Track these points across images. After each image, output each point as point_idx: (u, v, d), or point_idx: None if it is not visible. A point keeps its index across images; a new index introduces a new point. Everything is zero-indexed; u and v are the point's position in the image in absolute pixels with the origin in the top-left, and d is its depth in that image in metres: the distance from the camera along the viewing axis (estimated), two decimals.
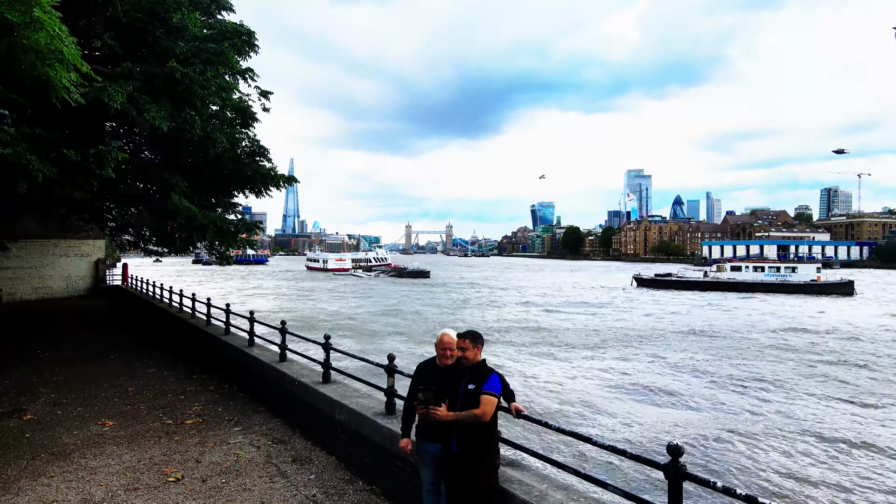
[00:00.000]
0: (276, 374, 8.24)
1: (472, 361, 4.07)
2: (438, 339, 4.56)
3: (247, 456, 6.60)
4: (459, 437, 3.97)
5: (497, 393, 3.97)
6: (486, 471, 3.91)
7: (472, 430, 3.93)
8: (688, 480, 3.17)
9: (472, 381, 4.02)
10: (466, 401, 3.97)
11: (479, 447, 3.93)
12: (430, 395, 3.96)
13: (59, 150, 9.56)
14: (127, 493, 5.63)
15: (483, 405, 3.89)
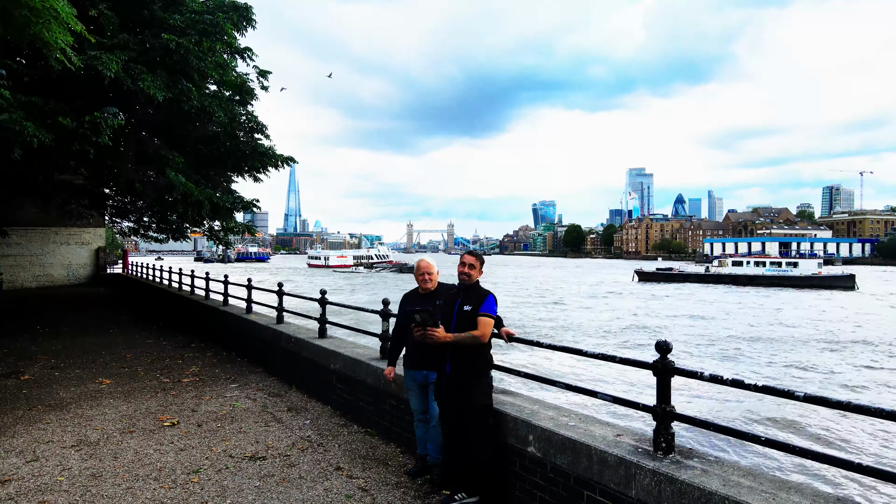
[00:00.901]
0: (273, 334, 8.26)
1: (471, 281, 4.06)
2: (416, 266, 4.62)
3: (242, 406, 6.62)
4: (454, 359, 3.98)
5: (494, 314, 3.98)
6: (480, 390, 3.93)
7: (467, 351, 3.93)
8: (676, 375, 3.17)
9: (468, 302, 4.00)
10: (461, 322, 3.97)
11: (473, 368, 3.95)
12: (427, 317, 3.92)
13: (54, 118, 9.58)
14: (122, 434, 5.64)
15: (481, 327, 3.89)
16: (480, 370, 3.98)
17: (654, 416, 3.25)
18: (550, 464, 3.65)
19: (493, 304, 3.97)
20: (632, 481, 3.13)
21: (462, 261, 4.09)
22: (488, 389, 4.01)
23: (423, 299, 4.51)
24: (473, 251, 4.13)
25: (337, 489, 4.39)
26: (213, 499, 4.20)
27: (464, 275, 4.06)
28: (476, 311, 3.93)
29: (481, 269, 4.12)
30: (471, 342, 3.89)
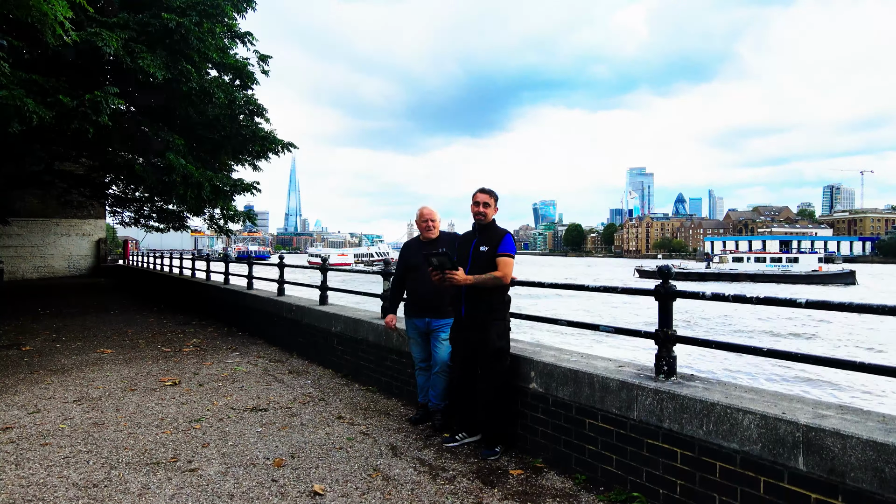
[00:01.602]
0: (274, 305, 8.26)
1: (486, 220, 3.94)
2: (418, 214, 4.56)
3: (244, 370, 6.62)
4: (470, 301, 3.88)
5: (513, 253, 3.85)
6: (497, 332, 3.82)
7: (484, 293, 3.82)
8: (678, 298, 3.18)
9: (484, 242, 3.89)
10: (478, 263, 3.85)
11: (490, 309, 3.84)
12: (445, 259, 3.75)
13: (55, 95, 9.59)
14: (124, 392, 5.65)
15: (502, 267, 3.78)
16: (497, 311, 3.85)
17: (655, 341, 3.25)
18: (552, 397, 3.65)
19: (512, 243, 3.86)
20: (633, 403, 3.14)
21: (475, 200, 3.95)
22: (505, 332, 3.88)
23: (425, 248, 4.51)
24: (486, 188, 4.00)
25: (338, 433, 4.39)
26: (214, 441, 4.21)
27: (479, 215, 3.92)
28: (494, 251, 3.81)
29: (496, 206, 3.98)
30: (492, 284, 3.77)
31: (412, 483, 3.46)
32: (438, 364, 4.38)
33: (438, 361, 4.38)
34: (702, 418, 2.79)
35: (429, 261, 3.79)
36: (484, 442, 3.95)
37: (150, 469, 3.69)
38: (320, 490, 3.35)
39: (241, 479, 3.52)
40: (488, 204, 3.93)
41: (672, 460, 2.92)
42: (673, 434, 2.92)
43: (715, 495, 2.73)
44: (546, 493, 3.30)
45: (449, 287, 3.95)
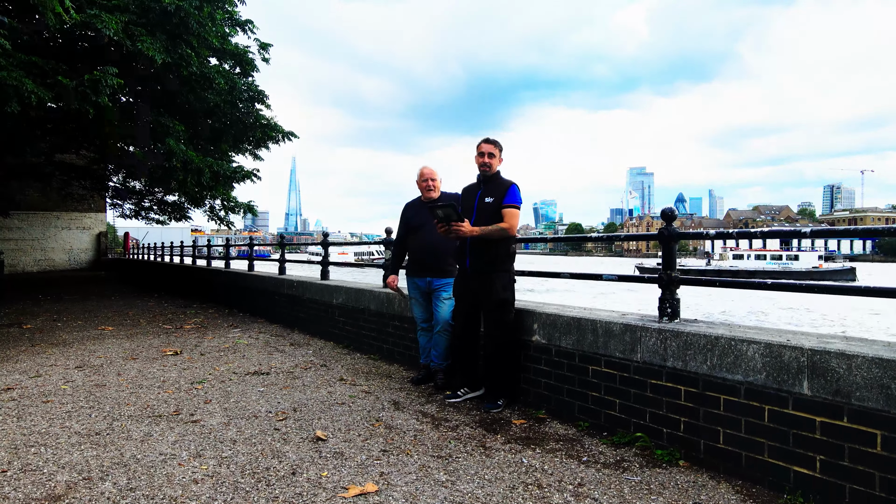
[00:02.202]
0: (275, 283, 8.26)
1: (491, 171, 3.87)
2: (418, 174, 4.54)
3: (245, 342, 6.62)
4: (474, 253, 3.84)
5: (519, 204, 3.79)
6: (502, 284, 3.78)
7: (489, 244, 3.77)
8: (681, 240, 3.16)
9: (490, 193, 3.83)
10: (483, 215, 3.81)
11: (495, 260, 3.79)
12: (450, 211, 3.67)
13: (54, 76, 9.60)
14: (125, 360, 5.64)
15: (508, 218, 3.73)
16: (502, 262, 3.80)
17: (659, 283, 3.24)
18: (555, 347, 3.65)
19: (518, 193, 3.80)
20: (637, 346, 3.13)
21: (480, 150, 3.87)
22: (510, 284, 3.84)
23: (426, 208, 4.49)
24: (491, 138, 3.93)
25: (340, 392, 4.39)
26: (216, 399, 4.20)
27: (484, 166, 3.85)
28: (499, 202, 3.76)
29: (501, 157, 3.92)
30: (498, 235, 3.72)
31: (415, 431, 3.46)
32: (440, 323, 4.37)
33: (440, 320, 4.37)
34: (706, 353, 2.78)
35: (434, 213, 3.73)
36: (487, 395, 3.94)
37: (153, 420, 3.68)
38: (323, 436, 3.34)
39: (243, 429, 3.51)
40: (493, 154, 3.86)
41: (676, 398, 2.92)
42: (677, 372, 2.92)
43: (719, 429, 2.72)
44: (549, 438, 3.30)
45: (454, 240, 3.93)
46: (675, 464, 2.87)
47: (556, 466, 2.89)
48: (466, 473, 2.80)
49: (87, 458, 3.04)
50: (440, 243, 4.36)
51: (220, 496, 2.56)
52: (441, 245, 4.37)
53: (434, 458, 3.02)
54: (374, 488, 2.62)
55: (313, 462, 2.96)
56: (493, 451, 3.09)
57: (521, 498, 2.53)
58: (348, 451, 3.13)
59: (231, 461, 2.98)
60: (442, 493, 2.58)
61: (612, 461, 2.94)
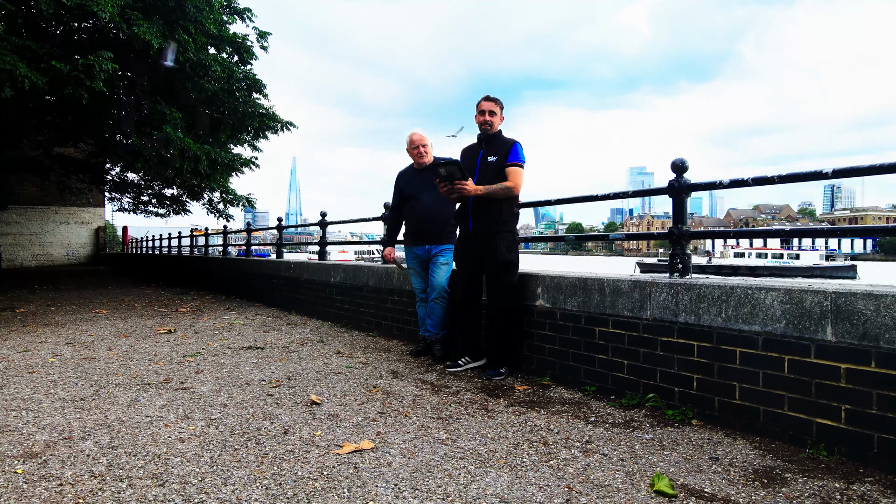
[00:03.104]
0: (272, 266, 8.12)
1: (492, 130, 3.72)
2: (408, 141, 4.37)
3: (241, 322, 6.47)
4: (477, 213, 3.69)
5: (523, 163, 3.64)
6: (506, 245, 3.64)
7: (492, 204, 3.63)
8: (693, 191, 3.02)
9: (492, 152, 3.68)
10: (485, 175, 3.65)
11: (498, 221, 3.64)
12: (454, 169, 3.49)
13: (48, 61, 9.47)
14: (117, 338, 5.50)
15: (512, 177, 3.58)
16: (506, 223, 3.66)
17: (669, 238, 3.10)
18: (560, 311, 3.50)
19: (521, 152, 3.65)
20: (646, 302, 2.98)
21: (480, 108, 3.71)
22: (514, 245, 3.70)
23: (418, 175, 4.34)
24: (491, 96, 3.75)
25: (337, 363, 4.24)
26: (209, 369, 4.06)
27: (485, 124, 3.70)
28: (503, 161, 3.61)
29: (502, 115, 3.76)
30: (503, 194, 3.58)
31: (413, 396, 3.31)
32: (436, 290, 4.21)
33: (436, 287, 4.21)
34: (720, 305, 2.63)
35: (436, 172, 3.56)
36: (489, 363, 3.80)
37: (141, 388, 3.54)
38: (317, 400, 3.19)
39: (234, 395, 3.37)
40: (494, 112, 3.71)
41: (688, 355, 2.77)
42: (689, 327, 2.77)
43: (735, 384, 2.57)
44: (554, 402, 3.15)
45: (455, 201, 3.80)
46: (688, 422, 2.72)
47: (563, 426, 2.74)
48: (468, 433, 2.65)
49: (70, 420, 2.90)
50: (437, 210, 4.22)
51: (207, 453, 2.42)
52: (438, 211, 4.23)
53: (434, 419, 2.87)
54: (370, 445, 2.48)
55: (306, 423, 2.82)
56: (495, 413, 2.95)
57: (526, 454, 2.38)
58: (343, 413, 2.98)
59: (220, 422, 2.84)
60: (442, 449, 2.44)
61: (622, 421, 2.79)
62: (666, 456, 2.33)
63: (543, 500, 1.95)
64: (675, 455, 2.34)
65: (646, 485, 2.06)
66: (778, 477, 2.11)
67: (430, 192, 4.20)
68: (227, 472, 2.21)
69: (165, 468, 2.26)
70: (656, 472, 2.14)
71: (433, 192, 4.19)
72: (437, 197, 4.19)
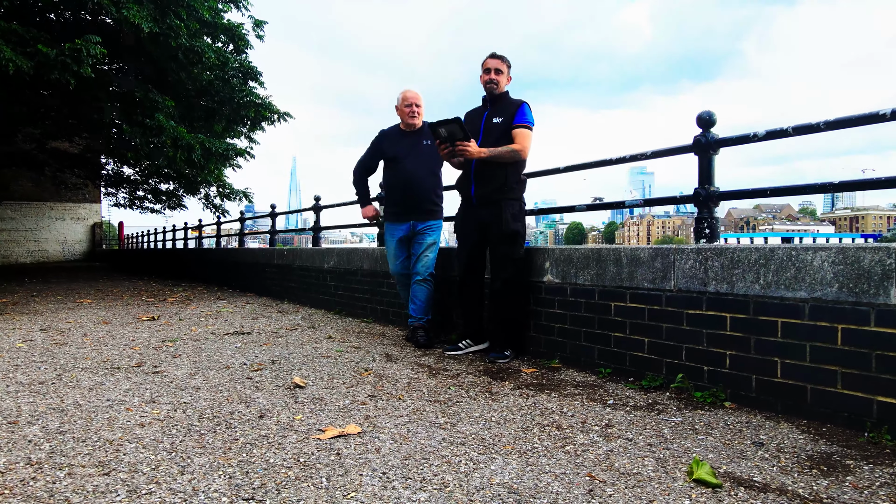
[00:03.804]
0: (265, 254, 7.79)
1: (498, 90, 3.38)
2: (400, 98, 3.91)
3: (229, 310, 6.14)
4: (480, 179, 3.36)
5: (531, 125, 3.32)
6: (512, 213, 3.32)
7: (497, 169, 3.30)
8: (722, 147, 2.68)
9: (497, 114, 3.36)
10: (489, 138, 3.33)
11: (504, 187, 3.31)
12: (455, 128, 3.12)
13: (34, 45, 9.16)
14: (96, 325, 5.17)
15: (520, 139, 3.26)
16: (513, 190, 3.34)
17: (695, 201, 2.76)
18: (570, 286, 3.17)
19: (530, 113, 3.33)
20: (670, 271, 2.65)
21: (486, 67, 3.38)
22: (521, 214, 3.38)
23: (406, 138, 3.94)
24: (497, 53, 3.43)
25: (327, 347, 3.91)
26: (187, 354, 3.72)
27: (490, 83, 3.37)
28: (509, 123, 3.30)
29: (509, 75, 3.43)
30: (509, 158, 3.25)
31: (408, 378, 2.98)
32: (422, 271, 3.86)
33: (422, 267, 3.85)
34: (758, 270, 2.30)
35: (435, 131, 3.21)
36: (492, 345, 3.47)
37: (108, 372, 3.21)
38: (301, 383, 2.86)
39: (210, 378, 3.04)
40: (500, 70, 3.37)
41: (720, 329, 2.44)
42: (721, 297, 2.43)
43: (776, 359, 2.24)
44: (566, 385, 2.82)
45: (458, 165, 3.49)
46: (720, 405, 2.39)
47: (577, 409, 2.41)
48: (469, 416, 2.32)
49: (21, 403, 2.57)
50: (425, 178, 3.87)
51: (168, 439, 2.09)
52: (426, 180, 3.87)
53: (431, 402, 2.54)
54: (356, 430, 2.15)
55: (286, 406, 2.49)
56: (500, 397, 2.61)
57: (538, 439, 2.05)
58: (329, 396, 2.65)
59: (189, 406, 2.51)
60: (439, 434, 2.11)
61: (644, 404, 2.46)
62: (701, 441, 2.00)
63: (561, 491, 1.62)
64: (712, 440, 2.01)
65: (682, 473, 1.73)
66: (838, 464, 1.78)
67: (419, 157, 3.86)
68: (187, 460, 1.88)
69: (116, 455, 1.93)
70: (693, 457, 1.81)
71: (422, 157, 3.86)
72: (426, 163, 3.86)
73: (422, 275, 3.85)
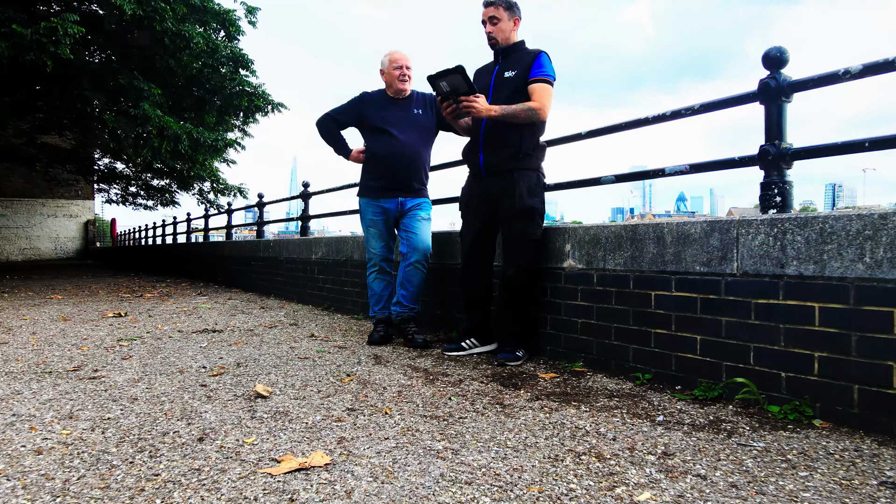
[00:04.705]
0: (251, 247, 7.22)
1: (502, 40, 2.81)
2: (386, 60, 3.30)
3: (208, 307, 5.57)
4: (490, 144, 2.80)
5: (553, 79, 2.73)
6: (527, 186, 2.74)
7: (511, 132, 2.73)
8: (797, 92, 2.10)
9: (510, 66, 2.78)
10: (500, 95, 2.77)
11: (519, 153, 2.74)
12: (458, 80, 2.58)
13: (9, 25, 8.60)
14: (53, 322, 4.59)
15: (538, 96, 2.67)
16: (529, 158, 2.77)
17: (760, 162, 2.19)
18: (598, 273, 2.59)
19: (550, 64, 2.74)
20: (731, 250, 2.07)
21: (482, 19, 2.81)
22: (538, 188, 2.80)
23: (395, 106, 3.34)
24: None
25: (307, 347, 3.33)
26: (140, 356, 3.14)
27: (490, 37, 2.80)
28: (524, 75, 2.72)
29: (517, 18, 2.81)
30: (524, 118, 2.67)
31: (399, 386, 2.40)
32: (419, 251, 3.27)
33: (419, 247, 3.27)
34: (862, 245, 1.73)
35: (435, 85, 2.66)
36: (502, 345, 2.90)
37: (35, 378, 2.63)
38: (265, 391, 2.29)
39: (155, 385, 2.46)
40: (496, 18, 2.76)
41: (804, 322, 1.86)
42: (806, 282, 1.86)
43: (891, 363, 1.66)
44: (597, 394, 2.24)
45: (464, 128, 2.94)
46: (808, 424, 1.81)
47: (619, 429, 1.83)
48: (476, 440, 1.75)
49: None
50: (417, 151, 3.31)
51: (63, 473, 1.52)
52: (418, 153, 3.31)
53: (426, 418, 1.97)
54: (324, 460, 1.57)
55: (238, 425, 1.92)
56: (515, 411, 2.04)
57: (573, 474, 1.47)
58: (297, 410, 2.08)
59: (114, 424, 1.94)
60: (437, 467, 1.54)
61: (704, 422, 1.88)
62: (804, 481, 1.42)
63: None
64: (820, 478, 1.43)
65: None
66: None
67: (411, 129, 3.29)
68: None
69: None
70: None
71: (414, 130, 3.30)
72: (420, 135, 3.31)
73: (419, 257, 3.28)
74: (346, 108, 3.42)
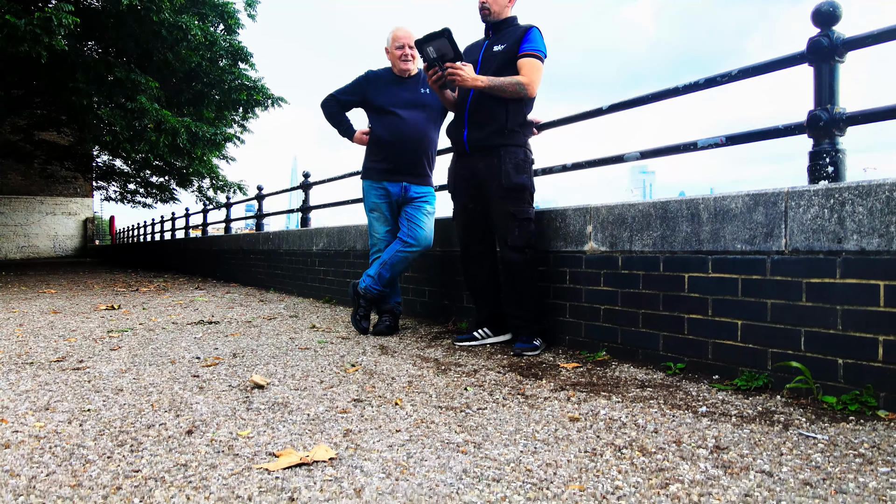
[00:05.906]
0: (250, 240, 7.03)
1: (494, 14, 2.67)
2: (390, 38, 3.12)
3: (204, 300, 5.37)
4: (475, 119, 2.66)
5: (543, 55, 2.59)
6: (513, 163, 2.59)
7: (496, 107, 2.59)
8: (851, 50, 1.90)
9: (500, 41, 2.65)
10: (489, 67, 2.63)
11: (504, 130, 2.60)
12: (444, 45, 2.42)
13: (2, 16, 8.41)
14: (42, 314, 4.40)
15: (528, 70, 2.54)
16: (515, 134, 2.62)
17: (809, 131, 1.99)
18: (623, 255, 2.39)
19: (541, 39, 2.60)
20: (778, 226, 1.87)
21: None
22: (527, 165, 2.64)
23: (401, 86, 3.15)
24: None
25: (307, 338, 3.14)
26: (130, 346, 2.95)
27: (483, 9, 2.66)
28: (514, 50, 2.58)
29: None
30: (511, 91, 2.52)
31: (409, 376, 2.21)
32: (420, 242, 3.10)
33: (420, 239, 3.09)
34: None
35: (422, 50, 2.49)
36: (517, 334, 2.70)
37: (15, 368, 2.44)
38: (262, 382, 2.09)
39: (143, 376, 2.27)
40: None
41: (866, 303, 1.66)
42: (868, 258, 1.66)
43: None
44: (627, 384, 2.04)
45: (452, 104, 2.76)
46: (872, 415, 1.61)
47: (658, 420, 1.63)
48: (500, 432, 1.55)
49: None
50: (424, 133, 3.12)
51: (30, 469, 1.32)
52: (426, 135, 3.13)
53: (441, 409, 1.77)
54: (328, 454, 1.38)
55: (231, 416, 1.72)
56: (539, 402, 1.84)
57: (616, 470, 1.28)
58: (297, 400, 1.88)
59: (94, 415, 1.74)
60: (458, 462, 1.34)
61: (754, 413, 1.68)
62: (889, 477, 1.23)
63: None
64: None
65: None
66: None
67: (417, 109, 3.10)
68: None
69: None
70: None
71: (420, 110, 3.12)
72: (425, 117, 3.13)
73: (419, 245, 3.09)
74: (351, 88, 3.24)
